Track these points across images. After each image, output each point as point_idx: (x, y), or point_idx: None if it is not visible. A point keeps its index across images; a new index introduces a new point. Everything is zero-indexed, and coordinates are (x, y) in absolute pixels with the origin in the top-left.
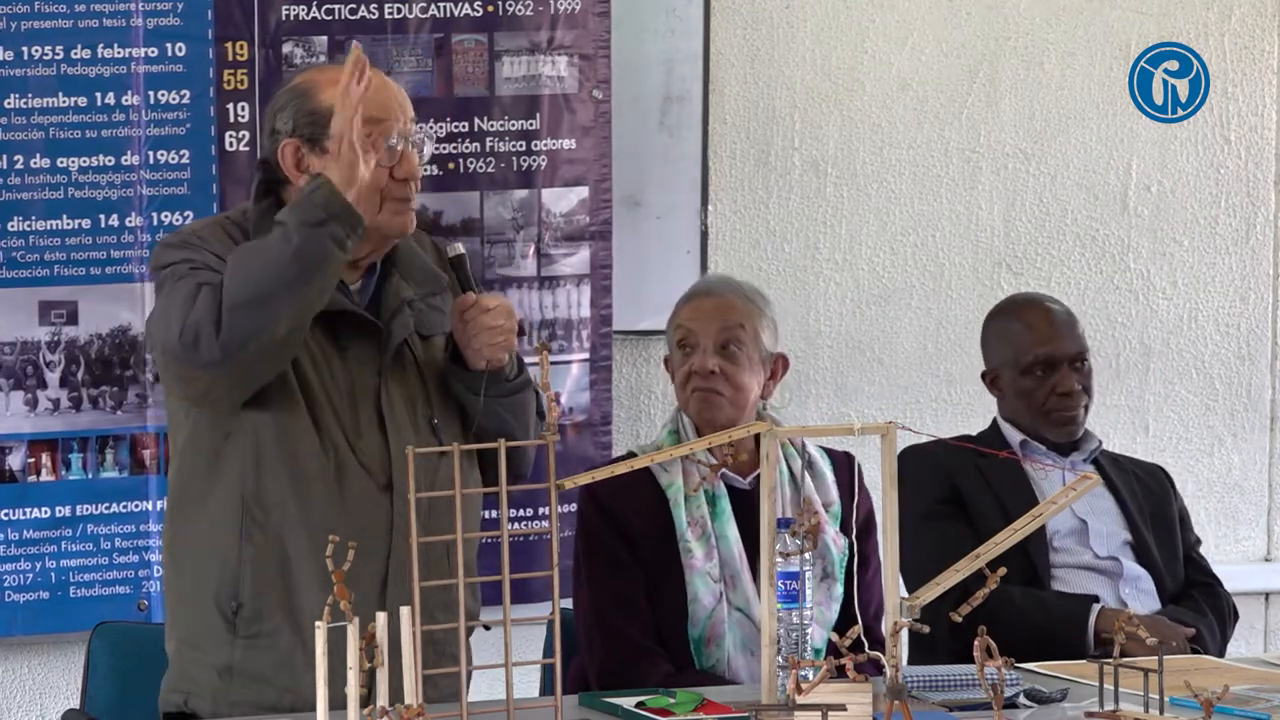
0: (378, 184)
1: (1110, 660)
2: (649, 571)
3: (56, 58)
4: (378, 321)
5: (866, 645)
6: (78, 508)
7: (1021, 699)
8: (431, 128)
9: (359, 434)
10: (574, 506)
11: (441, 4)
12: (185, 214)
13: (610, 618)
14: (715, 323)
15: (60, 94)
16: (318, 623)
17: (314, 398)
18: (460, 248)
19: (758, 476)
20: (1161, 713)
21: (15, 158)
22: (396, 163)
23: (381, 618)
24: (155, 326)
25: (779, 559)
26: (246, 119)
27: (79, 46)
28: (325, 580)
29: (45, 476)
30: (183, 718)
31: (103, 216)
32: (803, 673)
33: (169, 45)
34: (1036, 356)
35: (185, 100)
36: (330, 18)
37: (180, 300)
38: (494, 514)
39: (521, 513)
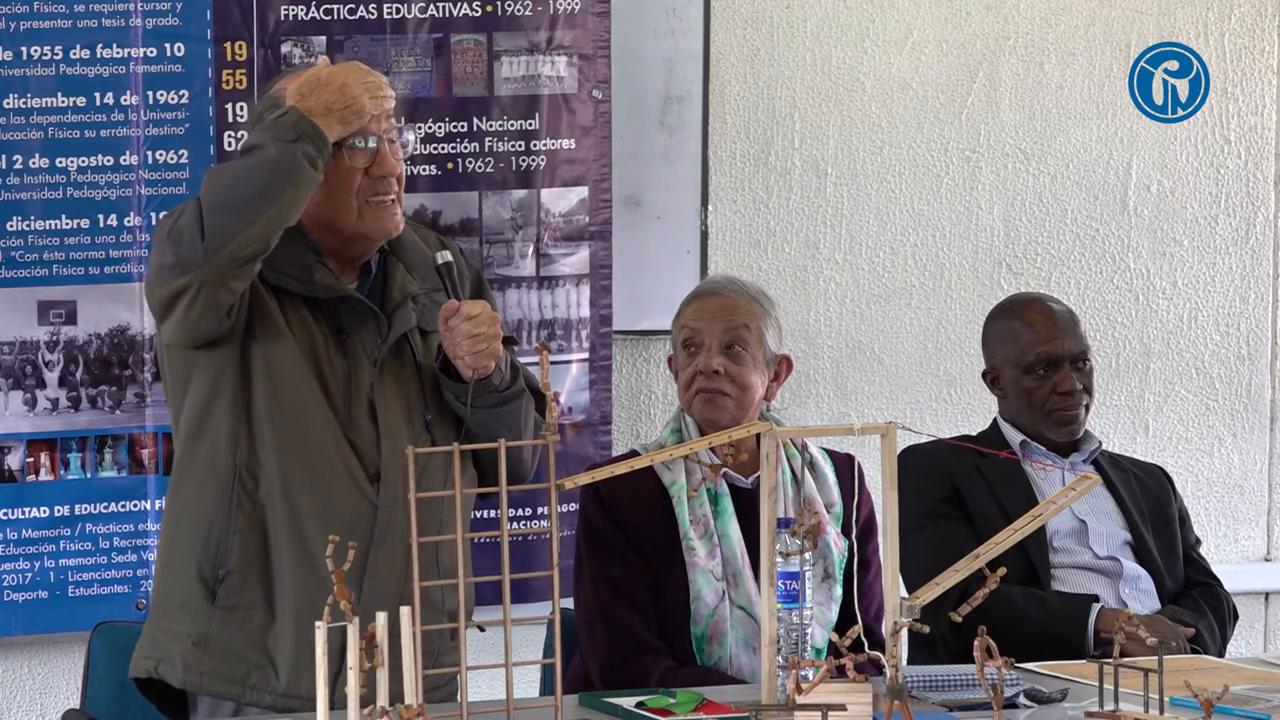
0: (354, 186)
1: (1110, 660)
2: (651, 568)
3: (55, 58)
4: (379, 311)
5: (866, 645)
6: (76, 507)
7: (1021, 699)
8: (430, 128)
9: (351, 422)
10: (574, 506)
11: (440, 4)
12: None
13: (613, 611)
14: (720, 323)
15: (59, 94)
16: (318, 623)
17: (312, 382)
18: (448, 255)
19: (759, 476)
20: (1161, 713)
21: (14, 158)
22: (372, 161)
23: (382, 618)
24: (149, 263)
25: (779, 559)
26: (245, 119)
27: (78, 46)
28: (303, 559)
29: (44, 476)
30: (151, 684)
31: (101, 216)
32: (803, 673)
33: (168, 45)
34: (1038, 355)
35: (184, 100)
36: (329, 18)
37: (167, 220)
38: (493, 514)
39: (521, 512)
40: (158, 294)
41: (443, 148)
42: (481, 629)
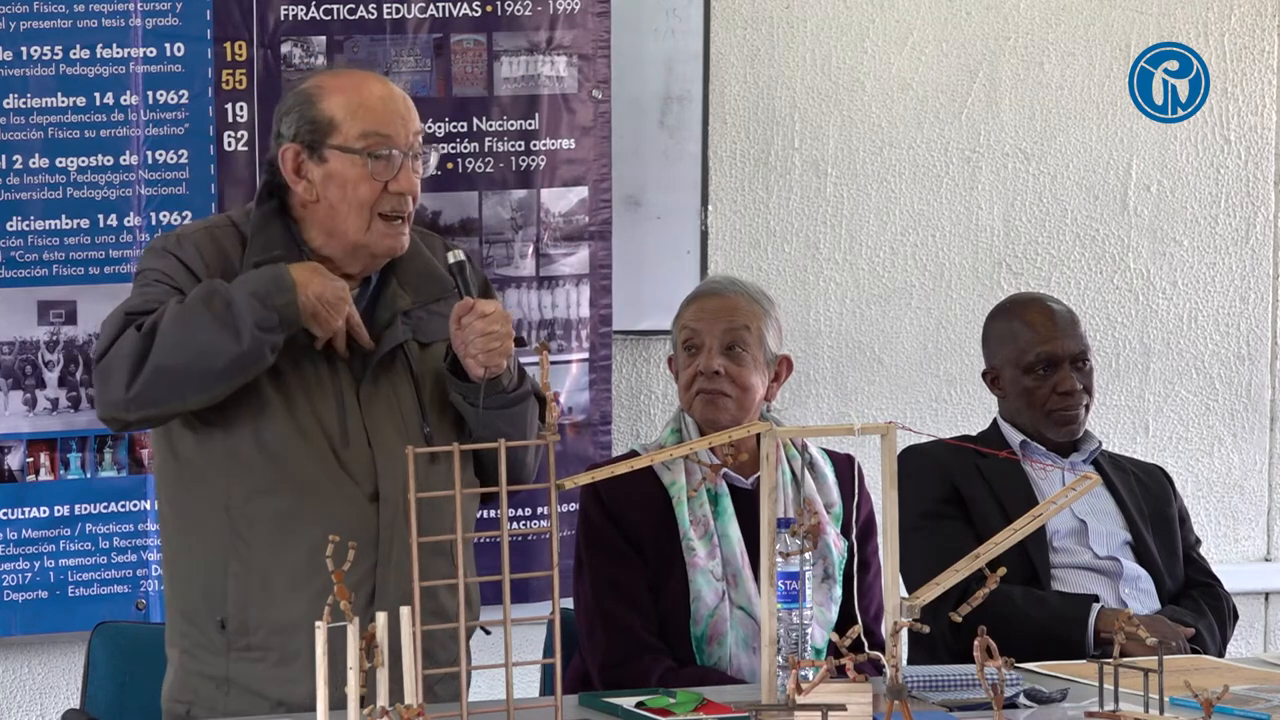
0: (370, 198)
1: (1110, 660)
2: (651, 569)
3: (55, 58)
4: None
5: (866, 645)
6: (76, 507)
7: (1021, 699)
8: (430, 128)
9: (346, 444)
10: (574, 506)
11: (440, 4)
12: (184, 214)
13: (613, 611)
14: (721, 323)
15: (59, 94)
16: (317, 623)
17: (299, 408)
18: (461, 254)
19: (759, 477)
20: (1161, 713)
21: (14, 158)
22: (393, 176)
23: (382, 618)
24: (103, 327)
25: (779, 559)
26: (245, 119)
27: (78, 46)
28: (309, 594)
29: (44, 476)
30: None
31: (101, 216)
32: (803, 673)
33: (168, 45)
34: (1038, 355)
35: (184, 100)
36: (329, 18)
37: (115, 323)
38: (493, 514)
39: (521, 512)
40: None
41: (442, 148)
42: (487, 631)
